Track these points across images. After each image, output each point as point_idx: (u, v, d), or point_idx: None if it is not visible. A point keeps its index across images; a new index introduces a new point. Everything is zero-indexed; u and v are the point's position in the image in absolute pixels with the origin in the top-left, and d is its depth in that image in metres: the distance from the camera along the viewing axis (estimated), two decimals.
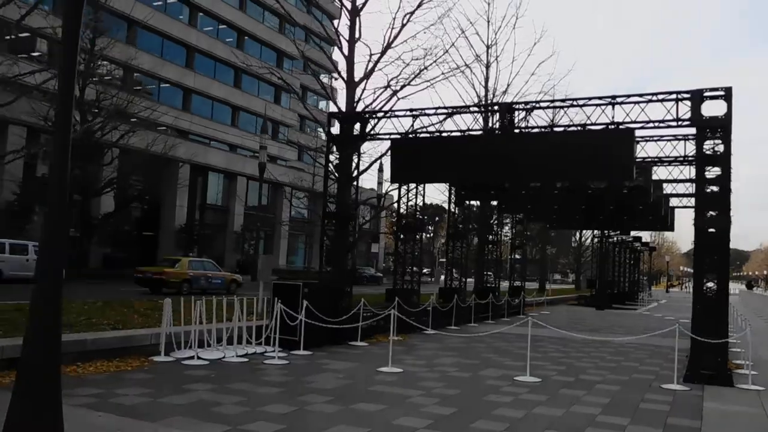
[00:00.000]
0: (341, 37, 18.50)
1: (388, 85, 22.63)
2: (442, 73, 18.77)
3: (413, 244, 18.32)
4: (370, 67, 23.73)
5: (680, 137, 16.36)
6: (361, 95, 18.33)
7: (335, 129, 15.59)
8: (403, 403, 8.51)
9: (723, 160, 11.83)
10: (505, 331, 19.21)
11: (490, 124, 14.06)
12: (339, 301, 14.83)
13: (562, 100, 13.20)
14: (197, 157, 49.18)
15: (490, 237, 24.94)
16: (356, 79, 23.56)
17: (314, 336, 13.03)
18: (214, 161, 52.62)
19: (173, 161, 45.46)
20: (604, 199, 20.45)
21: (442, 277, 22.36)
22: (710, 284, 13.40)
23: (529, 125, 13.45)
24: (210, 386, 8.93)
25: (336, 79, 24.83)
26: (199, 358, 11.07)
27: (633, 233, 38.69)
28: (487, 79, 27.31)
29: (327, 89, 23.60)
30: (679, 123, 12.27)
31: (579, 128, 12.87)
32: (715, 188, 11.97)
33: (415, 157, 14.06)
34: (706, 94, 11.99)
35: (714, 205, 12.02)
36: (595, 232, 37.22)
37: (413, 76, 22.08)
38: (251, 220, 50.03)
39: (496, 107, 13.61)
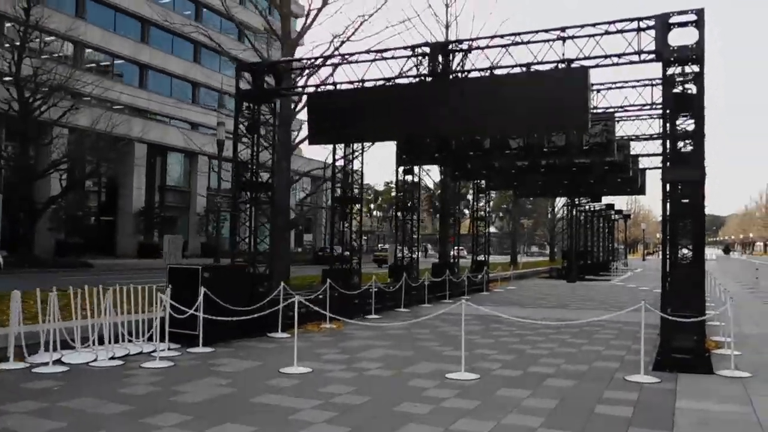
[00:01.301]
0: None
1: (331, 43, 20.33)
2: (389, 26, 16.41)
3: (350, 217, 16.13)
4: (307, 23, 21.40)
5: (645, 82, 14.30)
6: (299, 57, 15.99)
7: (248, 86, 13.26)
8: (284, 420, 6.41)
9: (695, 99, 9.77)
10: (455, 311, 17.25)
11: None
12: (254, 286, 12.63)
13: (503, 36, 10.96)
14: (151, 136, 46.42)
15: (452, 209, 22.87)
16: (292, 37, 21.20)
17: (220, 329, 10.85)
18: (173, 140, 49.82)
19: (130, 141, 42.86)
20: (582, 173, 18.57)
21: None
22: (684, 251, 11.53)
23: (468, 69, 11.24)
24: (39, 404, 6.78)
25: (275, 40, 22.41)
26: (60, 363, 8.89)
27: (605, 200, 36.86)
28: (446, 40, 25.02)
29: (261, 52, 21.08)
30: (642, 57, 10.16)
31: (523, 69, 10.69)
32: (686, 132, 9.92)
33: (333, 114, 11.82)
34: (672, 20, 9.87)
35: (685, 155, 9.99)
36: (565, 200, 35.39)
37: (354, 29, 19.82)
38: (214, 201, 47.82)
39: (427, 48, 11.34)
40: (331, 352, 10.73)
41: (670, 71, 9.97)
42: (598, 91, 14.92)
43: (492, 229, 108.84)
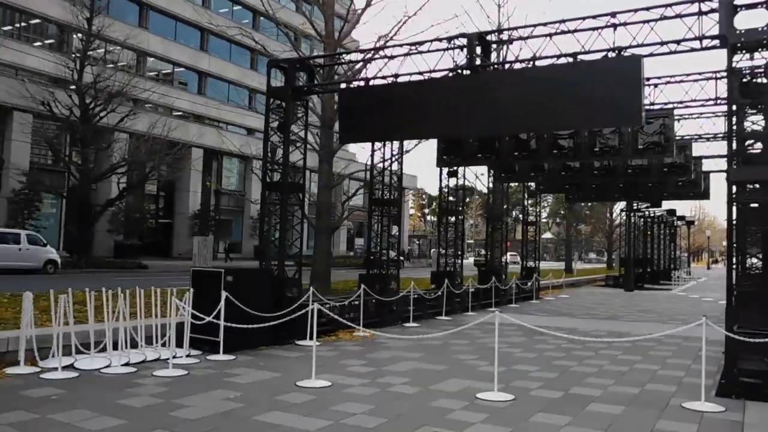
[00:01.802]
0: None
1: (376, 43, 19.71)
2: (434, 24, 15.65)
3: (388, 221, 15.43)
4: (350, 23, 20.88)
5: (708, 74, 12.99)
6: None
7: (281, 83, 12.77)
8: None
9: (766, 89, 8.61)
10: (501, 321, 16.25)
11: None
12: (282, 290, 12.07)
13: (546, 24, 10.02)
14: (207, 140, 47.26)
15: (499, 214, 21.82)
16: (336, 37, 20.69)
17: (244, 336, 10.31)
18: (229, 145, 50.70)
19: (186, 146, 43.74)
20: (638, 175, 17.28)
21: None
22: (752, 260, 10.33)
23: (508, 61, 10.37)
24: (29, 415, 6.38)
25: (320, 41, 22.00)
26: (71, 368, 8.54)
27: (666, 205, 34.81)
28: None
29: (304, 53, 20.70)
30: (704, 44, 9.07)
31: (569, 60, 9.75)
32: (755, 126, 8.77)
33: (365, 111, 11.15)
34: (739, 0, 8.75)
35: (754, 154, 8.84)
36: (623, 205, 33.62)
37: (398, 27, 19.17)
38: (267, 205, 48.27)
39: (464, 40, 10.51)
40: (357, 363, 10.04)
41: (736, 59, 8.84)
42: (656, 85, 13.72)
43: (548, 235, 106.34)
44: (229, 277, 10.81)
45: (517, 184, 26.53)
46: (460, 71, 10.58)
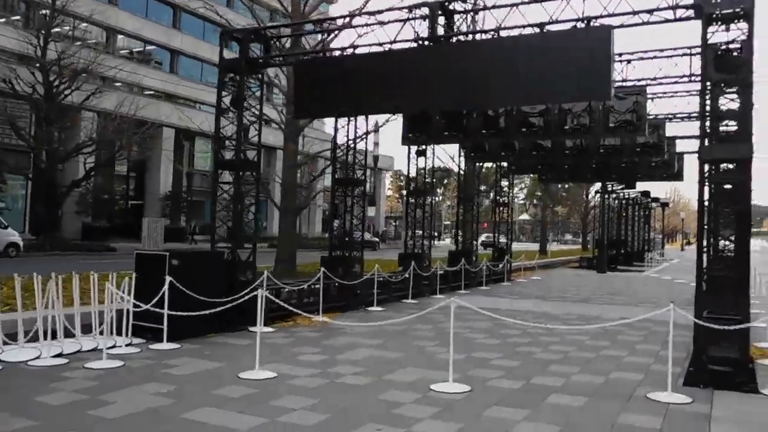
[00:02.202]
0: None
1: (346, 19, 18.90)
2: None
3: (352, 202, 14.81)
4: None
5: (683, 51, 12.50)
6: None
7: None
8: None
9: (742, 63, 8.12)
10: (467, 303, 15.81)
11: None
12: (235, 274, 11.44)
13: None
14: (177, 120, 46.01)
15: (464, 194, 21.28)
16: (302, 11, 19.83)
17: (191, 323, 9.69)
18: (200, 124, 49.71)
19: (156, 126, 42.51)
20: (611, 155, 16.84)
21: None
22: (724, 242, 9.96)
23: (471, 32, 9.74)
24: None
25: (284, 16, 21.12)
26: None
27: (640, 186, 34.65)
28: None
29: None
30: (677, 14, 8.54)
31: (536, 30, 9.15)
32: (729, 104, 8.30)
33: (320, 84, 10.47)
34: None
35: (728, 132, 8.38)
36: (599, 186, 33.39)
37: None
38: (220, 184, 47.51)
39: (425, 9, 9.85)
40: (310, 351, 9.49)
41: (711, 30, 8.32)
42: (629, 61, 13.22)
43: (525, 216, 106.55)
44: (175, 261, 10.13)
45: (491, 164, 26.02)
46: (421, 42, 9.92)
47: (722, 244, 9.54)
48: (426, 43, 9.92)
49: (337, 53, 10.79)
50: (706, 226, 9.55)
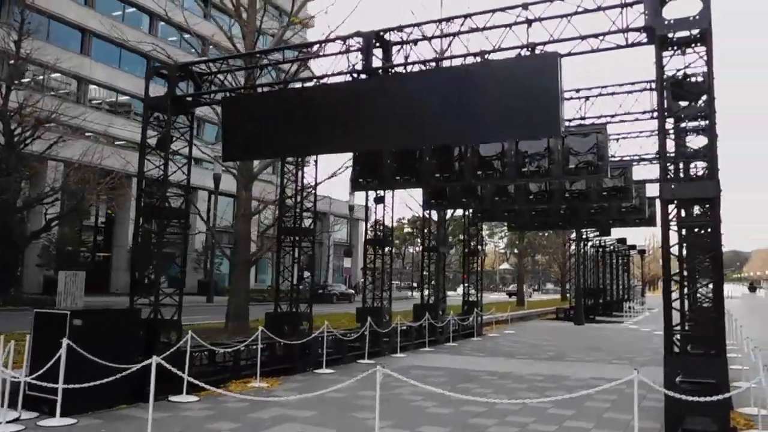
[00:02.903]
0: None
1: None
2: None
3: (298, 253, 13.62)
4: (277, 37, 19.25)
5: (642, 85, 11.74)
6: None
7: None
8: None
9: (702, 91, 7.24)
10: (429, 363, 14.57)
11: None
12: (156, 335, 10.13)
13: (450, 20, 8.52)
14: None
15: (430, 243, 20.19)
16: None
17: (94, 393, 8.30)
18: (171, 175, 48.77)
19: (125, 175, 41.36)
20: (577, 200, 15.99)
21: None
22: (700, 292, 9.00)
23: (408, 63, 8.84)
24: None
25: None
26: None
27: (616, 233, 33.90)
28: None
29: None
30: (629, 39, 7.69)
31: (478, 59, 8.26)
32: (693, 138, 7.38)
33: (249, 123, 9.44)
34: None
35: (690, 167, 7.44)
36: (572, 235, 32.60)
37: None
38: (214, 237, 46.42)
39: (359, 40, 8.96)
40: (227, 428, 8.13)
41: (666, 54, 7.48)
42: (587, 98, 12.45)
43: (506, 266, 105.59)
44: (78, 321, 8.84)
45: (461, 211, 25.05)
46: (356, 75, 8.98)
47: (694, 296, 8.52)
48: (361, 76, 8.97)
49: (267, 89, 9.80)
50: (675, 277, 8.55)
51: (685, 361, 7.40)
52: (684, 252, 8.20)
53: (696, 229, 8.69)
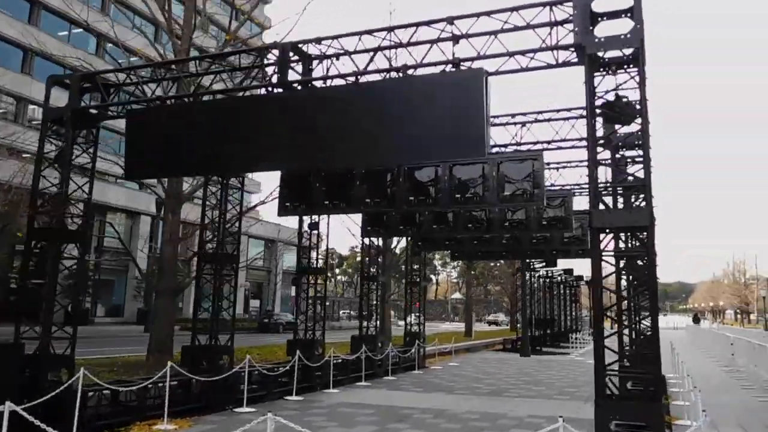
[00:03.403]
0: None
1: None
2: None
3: (217, 280, 12.65)
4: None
5: (577, 112, 11.41)
6: None
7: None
8: None
9: (633, 110, 6.78)
10: (360, 400, 13.70)
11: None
12: (43, 372, 9.01)
13: (372, 32, 7.91)
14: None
15: (370, 273, 19.41)
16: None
17: None
18: (113, 199, 47.18)
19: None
20: (517, 229, 15.55)
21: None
22: (641, 326, 8.49)
23: (325, 77, 8.18)
24: None
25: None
26: None
27: (563, 264, 33.89)
28: None
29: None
30: (558, 57, 7.21)
31: (400, 74, 7.65)
32: (628, 168, 6.89)
33: (154, 139, 8.57)
34: (597, 7, 7.00)
35: (623, 193, 6.94)
36: (517, 265, 32.38)
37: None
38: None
39: (274, 52, 8.27)
40: None
41: (597, 75, 7.00)
42: (523, 124, 12.06)
43: (458, 295, 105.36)
44: None
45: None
46: (270, 90, 8.25)
47: (633, 332, 7.99)
48: (275, 90, 8.25)
49: (175, 101, 8.97)
50: (613, 310, 8.03)
51: (619, 406, 6.79)
52: (627, 283, 7.68)
53: (633, 260, 8.21)
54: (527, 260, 28.54)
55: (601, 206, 7.04)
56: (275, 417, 6.15)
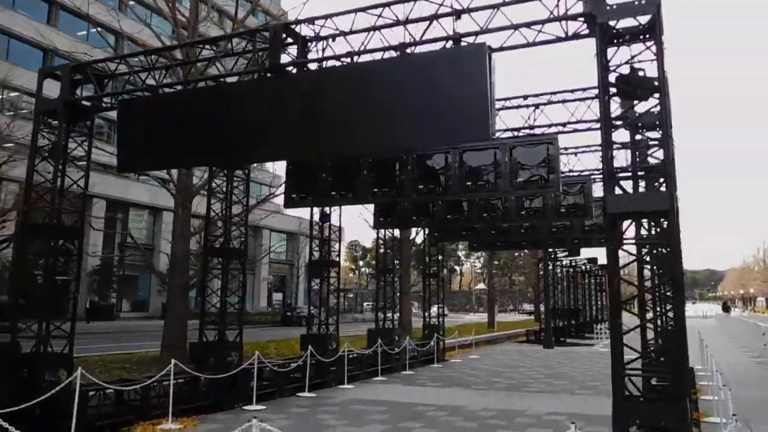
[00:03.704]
0: None
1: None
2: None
3: (225, 275, 12.31)
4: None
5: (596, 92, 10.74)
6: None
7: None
8: None
9: (651, 88, 6.19)
10: (376, 396, 13.28)
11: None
12: (41, 372, 8.75)
13: (367, 9, 7.40)
14: (111, 191, 43.71)
15: (391, 265, 18.96)
16: None
17: None
18: (136, 196, 47.71)
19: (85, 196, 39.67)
20: (535, 218, 14.94)
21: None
22: (668, 318, 7.93)
23: (320, 59, 7.70)
24: None
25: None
26: None
27: (587, 253, 33.07)
28: None
29: None
30: (567, 28, 6.64)
31: (397, 53, 7.15)
32: (642, 140, 6.31)
33: (147, 129, 8.22)
34: None
35: (645, 176, 6.38)
36: (540, 254, 31.61)
37: None
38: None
39: (264, 34, 7.82)
40: None
41: (611, 49, 6.42)
42: (537, 106, 11.44)
43: (481, 286, 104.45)
44: None
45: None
46: (264, 74, 7.81)
47: (660, 324, 7.45)
48: (268, 74, 7.81)
49: (170, 90, 8.58)
50: (634, 302, 7.47)
51: (639, 408, 6.25)
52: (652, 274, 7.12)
53: (656, 249, 7.63)
54: (549, 250, 27.80)
55: (618, 191, 6.50)
56: (261, 424, 5.73)
